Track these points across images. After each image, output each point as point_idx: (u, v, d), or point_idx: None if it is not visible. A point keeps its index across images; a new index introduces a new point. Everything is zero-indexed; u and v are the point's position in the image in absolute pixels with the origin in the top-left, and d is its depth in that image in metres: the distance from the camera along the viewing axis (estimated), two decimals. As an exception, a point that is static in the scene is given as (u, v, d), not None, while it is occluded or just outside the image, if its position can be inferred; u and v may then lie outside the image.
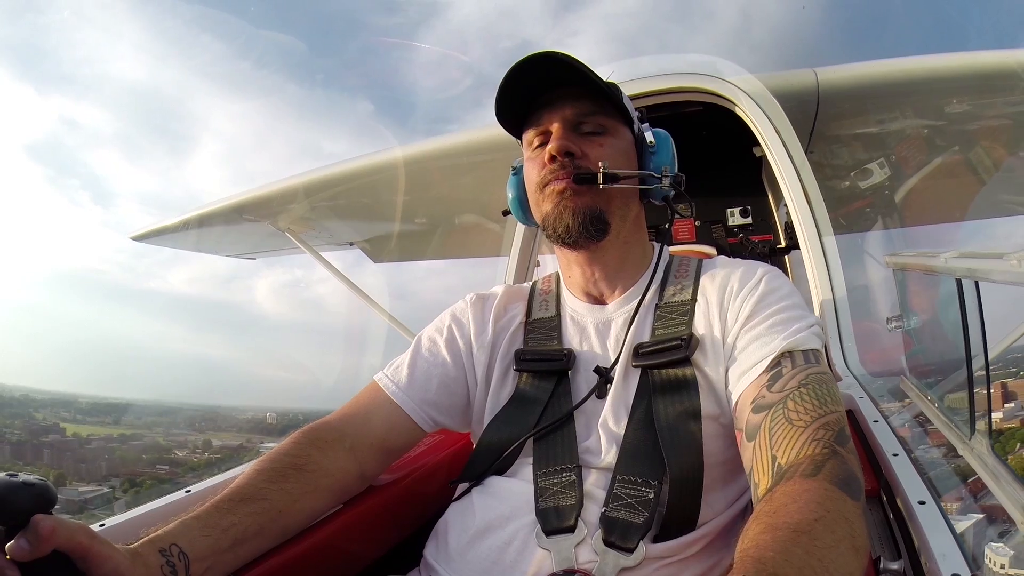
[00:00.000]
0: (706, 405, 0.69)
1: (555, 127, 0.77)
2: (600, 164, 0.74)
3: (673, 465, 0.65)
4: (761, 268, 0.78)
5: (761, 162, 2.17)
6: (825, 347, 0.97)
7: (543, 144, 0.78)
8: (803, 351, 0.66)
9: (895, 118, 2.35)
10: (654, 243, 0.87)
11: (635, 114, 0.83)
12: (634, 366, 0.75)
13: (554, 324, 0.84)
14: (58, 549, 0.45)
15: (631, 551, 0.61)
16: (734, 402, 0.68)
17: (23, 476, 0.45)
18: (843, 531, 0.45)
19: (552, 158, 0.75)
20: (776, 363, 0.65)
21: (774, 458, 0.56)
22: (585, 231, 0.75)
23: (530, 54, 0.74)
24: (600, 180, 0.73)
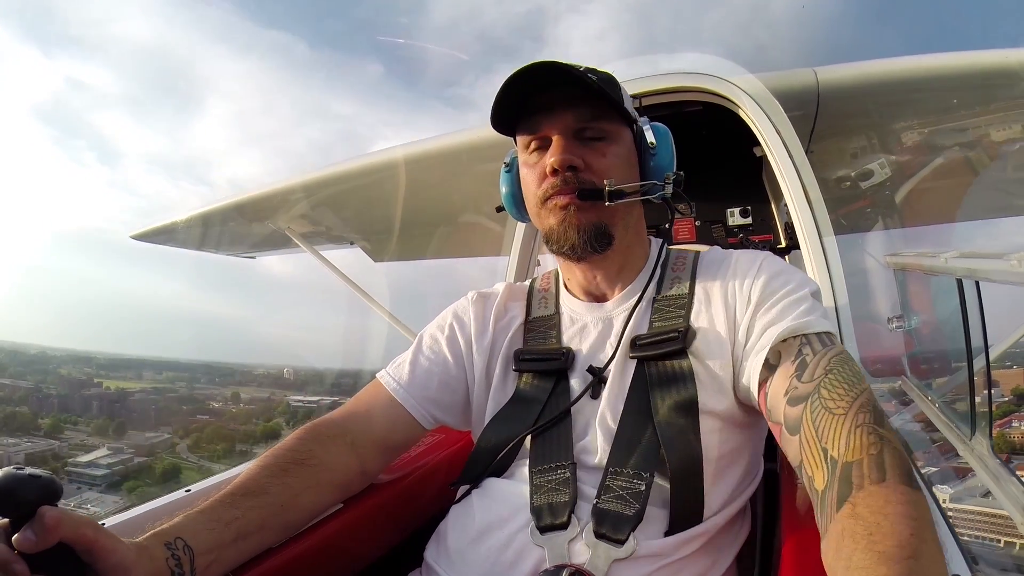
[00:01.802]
0: (703, 398, 0.69)
1: (555, 137, 0.75)
2: (606, 182, 0.73)
3: (673, 458, 0.65)
4: (759, 255, 0.78)
5: (761, 162, 2.17)
6: None
7: (541, 149, 0.77)
8: (817, 334, 0.66)
9: (896, 118, 2.34)
10: (651, 238, 0.87)
11: (633, 111, 0.81)
12: (631, 357, 0.75)
13: (553, 322, 0.84)
14: (63, 541, 0.46)
15: (622, 543, 0.61)
16: (755, 388, 0.67)
17: (29, 469, 0.46)
18: (930, 535, 0.45)
19: (554, 171, 0.74)
20: (797, 352, 0.65)
21: (825, 450, 0.55)
22: (590, 247, 0.75)
23: (527, 64, 0.72)
24: (606, 199, 0.72)
